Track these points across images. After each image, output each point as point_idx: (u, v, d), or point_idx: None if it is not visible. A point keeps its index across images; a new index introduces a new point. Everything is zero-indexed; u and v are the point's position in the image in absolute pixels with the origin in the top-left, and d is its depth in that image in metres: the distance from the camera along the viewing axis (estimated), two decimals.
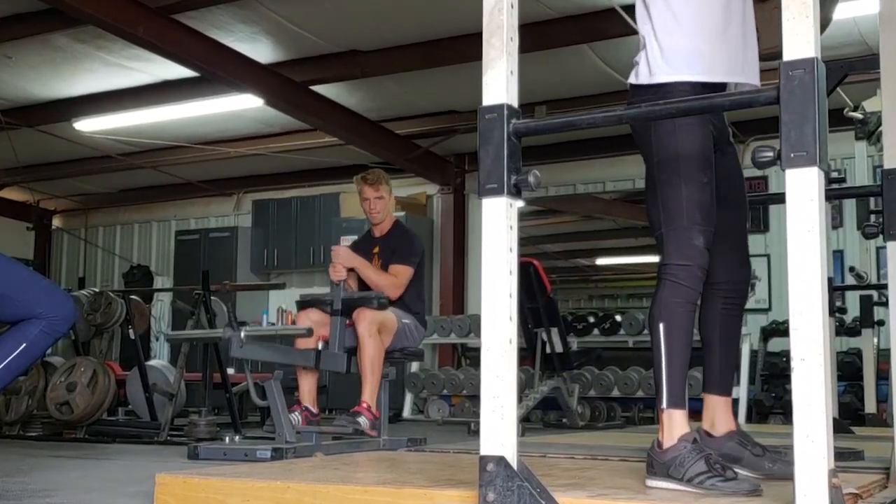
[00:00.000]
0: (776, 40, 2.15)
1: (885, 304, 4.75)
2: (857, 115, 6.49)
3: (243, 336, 5.39)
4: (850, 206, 10.01)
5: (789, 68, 2.07)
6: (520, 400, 7.77)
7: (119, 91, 10.19)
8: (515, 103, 2.37)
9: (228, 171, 13.30)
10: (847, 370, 8.84)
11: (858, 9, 7.40)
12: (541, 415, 9.53)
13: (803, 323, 2.01)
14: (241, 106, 10.21)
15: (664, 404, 2.74)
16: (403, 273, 6.20)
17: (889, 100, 3.34)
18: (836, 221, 9.99)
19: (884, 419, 7.45)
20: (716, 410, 3.12)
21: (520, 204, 2.37)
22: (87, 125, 10.95)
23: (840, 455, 2.85)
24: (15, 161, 11.83)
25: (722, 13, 2.87)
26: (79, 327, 7.59)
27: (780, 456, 2.98)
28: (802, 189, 2.05)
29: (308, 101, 9.91)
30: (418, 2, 8.20)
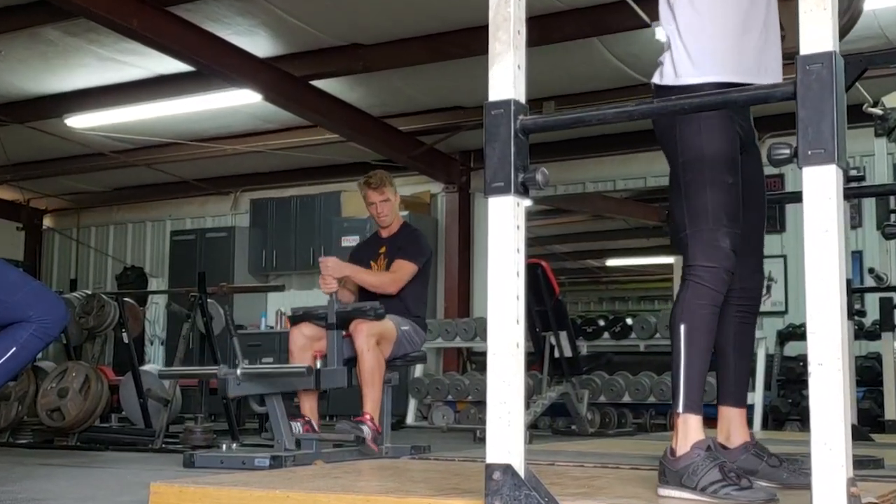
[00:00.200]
0: None
1: None
2: (877, 110, 6.47)
3: (239, 374, 5.47)
4: (869, 206, 9.99)
5: (806, 62, 2.07)
6: (527, 406, 7.78)
7: (112, 86, 10.19)
8: (523, 99, 2.37)
9: (225, 169, 13.31)
10: (866, 375, 8.82)
11: (878, 1, 7.39)
12: (549, 421, 9.53)
13: (821, 326, 2.02)
14: (238, 101, 10.21)
15: (680, 408, 2.75)
16: (405, 268, 6.17)
17: None
18: (854, 221, 9.97)
19: None
20: (731, 422, 3.14)
21: (527, 203, 2.37)
22: (79, 121, 10.96)
23: (859, 463, 2.85)
24: (4, 159, 11.86)
25: (747, 12, 2.91)
26: (70, 331, 7.59)
27: (797, 465, 2.99)
28: (820, 187, 2.05)
29: (308, 96, 9.91)
30: None
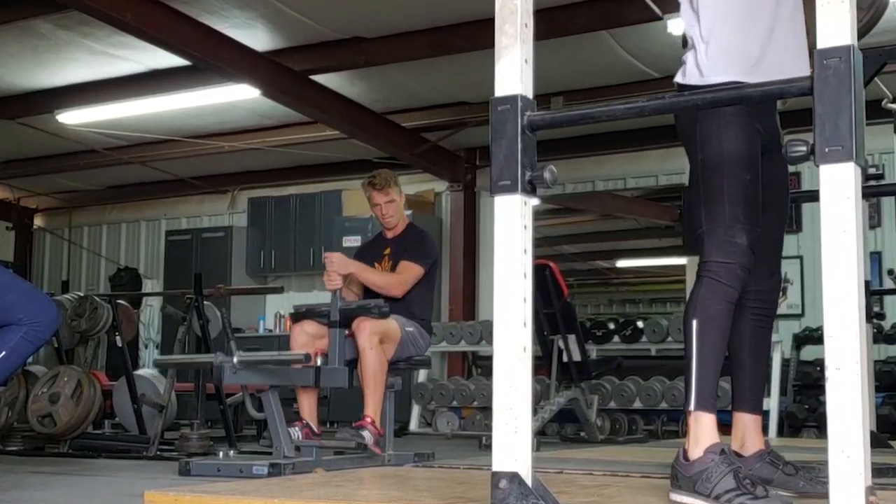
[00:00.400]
0: None
1: None
2: None
3: (236, 361, 5.46)
4: (888, 205, 9.98)
5: (823, 57, 2.07)
6: (535, 412, 7.79)
7: (105, 81, 10.20)
8: (530, 94, 2.38)
9: (222, 167, 13.32)
10: (885, 380, 8.82)
11: None
12: (557, 428, 9.53)
13: (838, 329, 2.02)
14: (236, 97, 10.22)
15: (692, 406, 2.77)
16: (411, 271, 6.16)
17: None
18: (873, 221, 9.95)
19: None
20: (746, 429, 3.16)
21: (535, 202, 2.38)
22: (71, 117, 10.97)
23: (878, 471, 2.86)
24: None
25: (771, 11, 2.93)
26: (62, 334, 7.61)
27: (814, 473, 3.00)
28: (838, 186, 2.05)
29: (308, 91, 9.92)
30: None
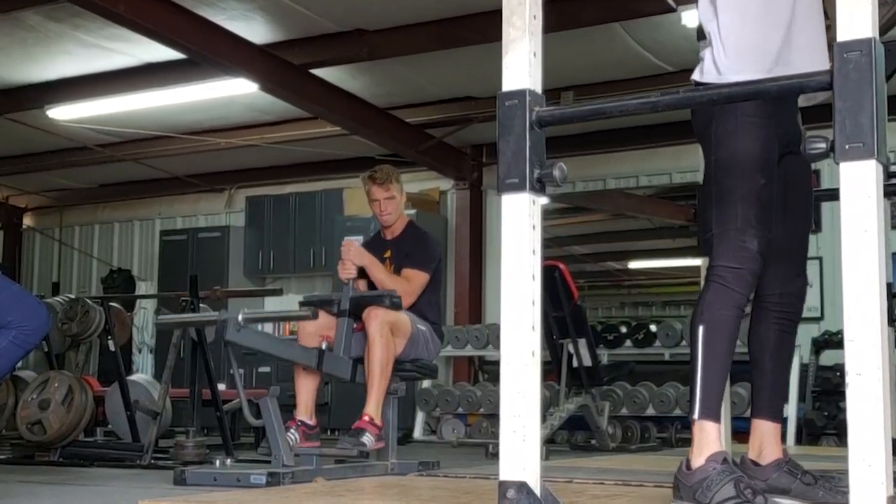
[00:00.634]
0: None
1: None
2: None
3: (241, 319, 5.31)
4: None
5: (844, 50, 2.07)
6: (544, 419, 7.79)
7: (98, 75, 10.19)
8: (539, 89, 2.38)
9: (219, 165, 13.31)
10: None
11: None
12: (567, 436, 9.52)
13: (859, 333, 2.02)
14: (233, 91, 10.21)
15: (696, 414, 2.78)
16: (417, 279, 6.13)
17: None
18: (895, 220, 9.94)
19: None
20: (764, 437, 3.16)
21: (543, 201, 2.38)
22: (62, 113, 10.98)
23: None
24: None
25: (790, 8, 2.94)
26: (52, 338, 7.60)
27: (834, 483, 2.99)
28: (858, 184, 2.05)
29: (308, 86, 9.91)
30: None
